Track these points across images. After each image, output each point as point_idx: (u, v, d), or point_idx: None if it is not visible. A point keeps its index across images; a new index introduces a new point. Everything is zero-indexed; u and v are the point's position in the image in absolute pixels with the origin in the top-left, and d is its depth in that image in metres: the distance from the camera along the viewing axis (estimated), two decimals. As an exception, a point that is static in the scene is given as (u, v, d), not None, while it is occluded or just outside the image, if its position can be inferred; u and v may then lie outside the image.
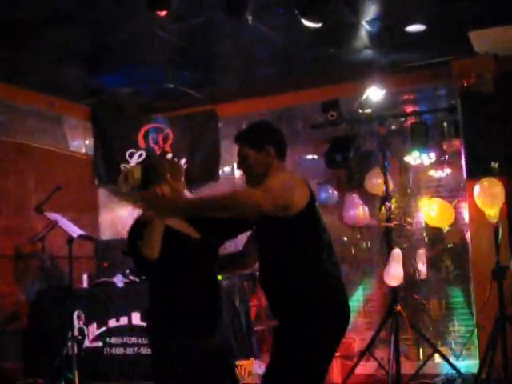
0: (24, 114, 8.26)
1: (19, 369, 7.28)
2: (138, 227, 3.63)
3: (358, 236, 8.38)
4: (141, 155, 9.07)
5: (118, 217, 9.41)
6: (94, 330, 7.03)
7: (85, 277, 7.53)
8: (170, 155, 9.08)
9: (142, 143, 9.10)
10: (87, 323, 7.05)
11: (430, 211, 7.74)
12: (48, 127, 8.63)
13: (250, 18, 6.05)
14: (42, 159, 8.32)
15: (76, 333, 6.93)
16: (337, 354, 7.67)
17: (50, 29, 6.42)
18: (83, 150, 9.18)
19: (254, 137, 3.91)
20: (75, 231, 6.83)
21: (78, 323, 7.03)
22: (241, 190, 3.87)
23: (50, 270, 7.38)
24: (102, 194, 9.31)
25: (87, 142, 9.20)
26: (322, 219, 3.78)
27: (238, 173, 9.00)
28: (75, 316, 7.00)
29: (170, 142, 9.13)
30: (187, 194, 4.12)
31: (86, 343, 7.04)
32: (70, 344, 6.72)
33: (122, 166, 8.95)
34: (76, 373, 6.52)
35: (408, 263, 7.84)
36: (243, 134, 3.96)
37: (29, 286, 7.68)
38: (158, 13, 5.76)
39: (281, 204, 3.50)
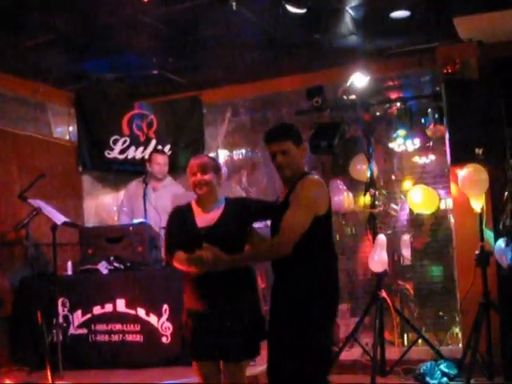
0: (7, 101, 8.20)
1: (4, 356, 7.26)
2: None
3: (343, 222, 8.39)
4: (125, 142, 9.04)
5: (103, 204, 9.39)
6: (78, 317, 7.00)
7: (69, 264, 7.49)
8: (153, 142, 9.05)
9: (126, 130, 9.06)
10: (72, 310, 7.02)
11: (414, 197, 7.76)
12: (31, 113, 8.57)
13: (234, 3, 6.03)
14: (26, 146, 8.25)
15: (61, 320, 6.91)
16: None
17: (33, 13, 6.37)
18: (67, 137, 9.13)
19: (294, 133, 4.28)
20: (59, 218, 6.80)
21: (63, 310, 7.01)
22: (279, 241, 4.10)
23: (34, 257, 7.35)
24: (86, 180, 9.26)
25: (71, 128, 9.13)
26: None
27: (222, 158, 9.00)
28: (60, 303, 6.97)
29: (154, 128, 9.10)
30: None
31: (71, 330, 7.00)
32: (54, 331, 6.72)
33: (106, 151, 8.93)
34: (61, 360, 6.51)
35: (392, 249, 7.87)
36: (285, 130, 4.29)
37: (13, 274, 7.64)
38: (142, -2, 5.73)
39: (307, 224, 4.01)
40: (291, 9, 6.06)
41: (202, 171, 4.50)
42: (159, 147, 8.92)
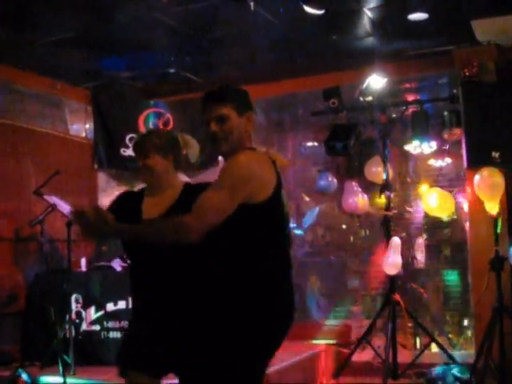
0: (24, 97, 8.23)
1: (17, 351, 7.30)
2: None
3: (357, 224, 8.38)
4: (141, 140, 9.04)
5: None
6: (91, 313, 7.03)
7: (83, 260, 7.53)
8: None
9: (142, 128, 9.08)
10: (85, 307, 7.05)
11: (430, 200, 7.74)
12: (48, 110, 8.60)
13: (252, 3, 6.02)
14: (42, 142, 8.29)
15: (74, 316, 6.94)
16: (333, 342, 7.72)
17: (52, 12, 6.40)
18: (83, 134, 9.16)
19: (237, 96, 3.40)
20: (74, 215, 6.81)
21: (76, 306, 7.04)
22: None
23: (49, 253, 7.35)
24: (102, 178, 9.29)
25: (87, 125, 9.16)
26: (285, 209, 3.34)
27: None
28: (73, 299, 7.00)
29: (170, 126, 9.11)
30: (184, 178, 3.99)
31: (84, 327, 7.04)
32: (67, 327, 6.74)
33: (122, 149, 8.95)
34: (73, 356, 6.53)
35: (406, 252, 7.85)
36: (224, 91, 3.38)
37: (27, 269, 7.68)
38: (160, -3, 5.75)
39: (225, 212, 3.09)
40: (309, 10, 6.06)
41: (141, 154, 3.74)
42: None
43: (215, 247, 3.18)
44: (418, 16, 6.75)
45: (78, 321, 6.99)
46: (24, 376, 6.43)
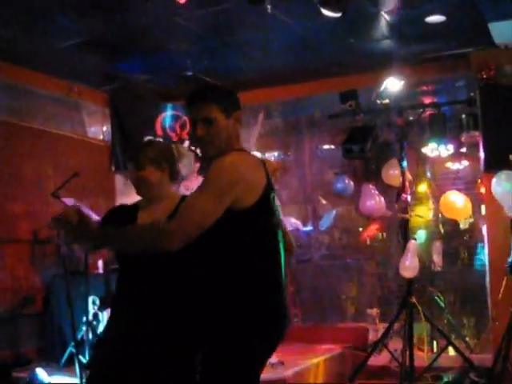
0: (42, 100, 8.28)
1: (34, 352, 7.34)
2: None
3: (374, 227, 8.37)
4: (158, 142, 9.07)
5: (135, 203, 9.42)
6: (108, 315, 7.06)
7: (100, 262, 7.56)
8: (186, 143, 9.08)
9: (159, 130, 9.09)
10: (102, 308, 7.08)
11: (447, 203, 7.71)
12: (66, 113, 8.65)
13: (269, 6, 6.03)
14: (60, 145, 8.34)
15: (90, 318, 6.97)
16: (349, 345, 7.71)
17: (69, 14, 6.44)
18: (101, 137, 9.20)
19: (222, 96, 3.20)
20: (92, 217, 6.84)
21: (93, 308, 7.07)
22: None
23: (66, 255, 7.39)
24: (119, 180, 9.32)
25: (105, 128, 9.21)
26: (276, 214, 3.17)
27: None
28: (90, 301, 7.03)
29: (187, 129, 9.13)
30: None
31: (101, 328, 7.07)
32: (84, 329, 6.77)
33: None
34: (89, 357, 6.56)
35: (424, 255, 7.82)
36: (208, 91, 3.21)
37: (45, 271, 7.73)
38: (178, 0, 5.76)
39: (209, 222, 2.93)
40: (327, 13, 6.05)
41: (136, 166, 3.61)
42: (192, 148, 8.94)
43: (203, 251, 3.04)
44: (435, 19, 6.74)
45: (94, 322, 7.02)
46: (41, 377, 6.47)
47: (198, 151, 3.23)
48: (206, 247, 3.01)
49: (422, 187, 8.28)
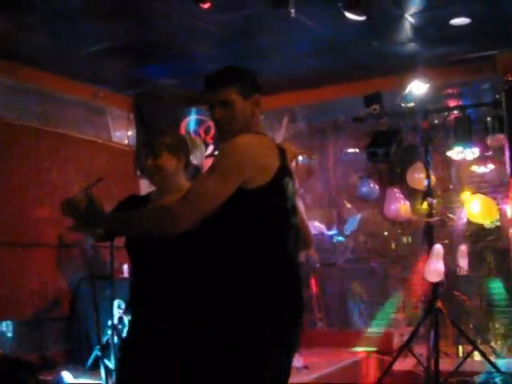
0: (67, 105, 8.34)
1: (60, 356, 7.38)
2: None
3: (399, 231, 8.33)
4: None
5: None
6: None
7: (125, 267, 7.59)
8: (211, 147, 9.10)
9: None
10: (127, 312, 7.10)
11: (473, 207, 7.66)
12: (91, 118, 8.71)
13: (293, 10, 6.03)
14: (85, 149, 8.38)
15: (116, 321, 6.99)
16: (375, 350, 7.69)
17: (94, 20, 6.48)
18: (125, 141, 9.25)
19: (241, 78, 3.19)
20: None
21: (118, 312, 7.09)
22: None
23: (92, 259, 7.44)
24: (144, 185, 9.34)
25: (129, 133, 9.25)
26: (289, 199, 3.04)
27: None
28: (115, 305, 7.06)
29: (211, 133, 9.14)
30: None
31: (125, 332, 7.09)
32: (109, 333, 6.80)
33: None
34: (115, 361, 6.59)
35: (449, 259, 7.77)
36: (227, 73, 3.21)
37: (71, 275, 7.77)
38: (201, 5, 5.78)
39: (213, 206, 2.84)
40: (351, 16, 6.04)
41: (152, 154, 3.58)
42: (216, 153, 8.96)
43: (214, 233, 2.95)
44: (460, 21, 6.70)
45: (120, 326, 7.04)
46: (67, 380, 6.51)
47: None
48: (217, 229, 2.94)
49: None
